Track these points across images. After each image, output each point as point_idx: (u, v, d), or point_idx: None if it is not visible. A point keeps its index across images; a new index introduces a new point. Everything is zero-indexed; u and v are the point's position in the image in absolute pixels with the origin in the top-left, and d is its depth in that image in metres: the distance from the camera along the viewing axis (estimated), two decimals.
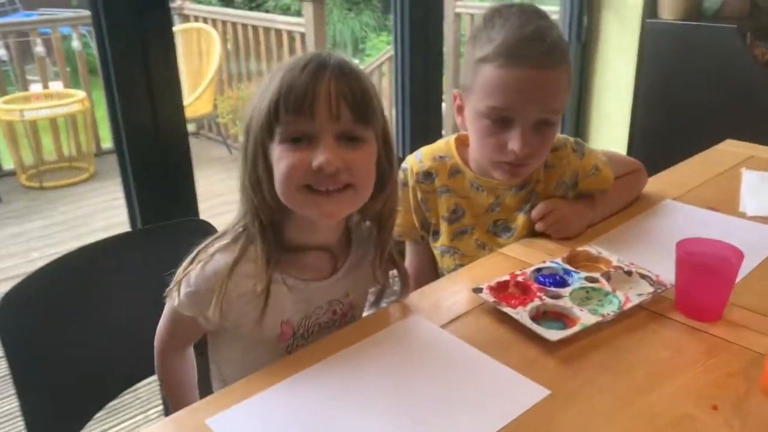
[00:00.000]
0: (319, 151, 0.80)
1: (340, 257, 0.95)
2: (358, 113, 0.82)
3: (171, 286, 0.90)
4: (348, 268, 0.95)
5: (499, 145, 1.05)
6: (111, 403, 1.13)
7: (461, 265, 1.16)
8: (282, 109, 0.81)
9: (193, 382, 1.03)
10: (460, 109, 1.13)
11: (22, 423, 0.95)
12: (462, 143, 1.19)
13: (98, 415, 1.11)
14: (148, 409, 2.10)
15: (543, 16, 1.06)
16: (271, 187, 0.84)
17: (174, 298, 0.89)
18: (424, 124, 2.15)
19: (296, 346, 0.92)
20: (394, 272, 0.99)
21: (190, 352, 1.03)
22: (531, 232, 1.17)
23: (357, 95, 0.82)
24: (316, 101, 0.80)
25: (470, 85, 1.07)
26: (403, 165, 1.21)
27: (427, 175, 1.17)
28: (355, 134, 0.83)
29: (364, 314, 1.01)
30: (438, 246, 1.21)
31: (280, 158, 0.82)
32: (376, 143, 0.87)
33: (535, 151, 1.06)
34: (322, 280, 0.93)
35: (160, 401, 1.95)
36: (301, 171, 0.81)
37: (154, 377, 1.89)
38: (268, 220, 0.87)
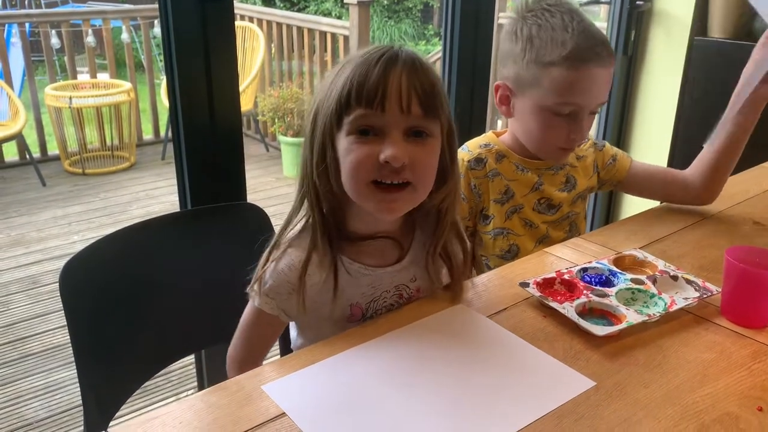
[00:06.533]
0: (387, 144, 0.82)
1: (404, 243, 0.96)
2: (428, 108, 0.83)
3: (251, 285, 0.92)
4: (413, 254, 0.96)
5: (563, 135, 1.18)
6: (144, 384, 1.15)
7: (514, 245, 1.25)
8: (353, 101, 0.82)
9: None
10: (506, 100, 1.23)
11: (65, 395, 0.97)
12: (498, 135, 1.30)
13: (134, 394, 1.14)
14: (180, 392, 2.14)
15: (582, 12, 1.17)
16: (337, 177, 0.86)
17: (254, 299, 0.92)
18: (468, 132, 2.15)
19: None
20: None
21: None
22: (571, 210, 1.29)
23: (427, 89, 0.83)
24: (387, 95, 0.81)
25: (530, 81, 1.17)
26: None
27: (478, 161, 1.25)
28: (423, 129, 0.84)
29: None
30: (490, 230, 1.26)
31: (349, 150, 0.84)
32: (441, 138, 0.88)
33: (586, 135, 1.22)
34: (388, 266, 0.95)
35: (194, 384, 1.99)
36: (369, 165, 0.83)
37: (191, 358, 1.92)
38: (330, 210, 0.89)
